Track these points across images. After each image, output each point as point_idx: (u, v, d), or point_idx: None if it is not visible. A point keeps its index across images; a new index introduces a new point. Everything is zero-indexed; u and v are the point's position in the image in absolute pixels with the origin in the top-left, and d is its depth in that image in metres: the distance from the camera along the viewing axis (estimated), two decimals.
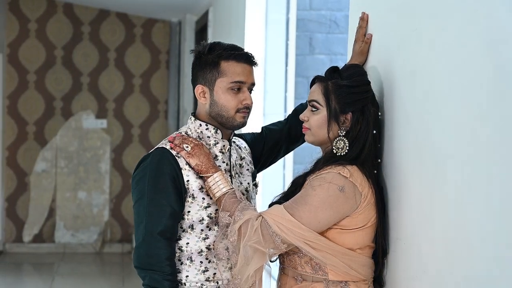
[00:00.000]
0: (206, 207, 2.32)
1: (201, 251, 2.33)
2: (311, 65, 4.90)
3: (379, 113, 2.30)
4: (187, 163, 2.30)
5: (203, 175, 2.29)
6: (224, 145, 2.40)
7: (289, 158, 4.74)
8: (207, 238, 2.33)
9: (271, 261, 2.27)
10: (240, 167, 2.47)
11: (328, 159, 2.26)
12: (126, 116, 8.08)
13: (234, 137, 2.52)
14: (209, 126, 2.38)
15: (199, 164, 2.29)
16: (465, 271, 1.78)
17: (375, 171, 2.27)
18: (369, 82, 2.30)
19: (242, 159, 2.49)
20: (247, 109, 2.35)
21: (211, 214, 2.32)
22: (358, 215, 2.19)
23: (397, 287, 2.23)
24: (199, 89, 2.37)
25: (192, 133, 2.39)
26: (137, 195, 2.31)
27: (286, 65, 4.82)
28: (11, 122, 7.90)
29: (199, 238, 2.32)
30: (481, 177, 1.70)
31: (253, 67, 2.37)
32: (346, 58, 2.64)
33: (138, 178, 2.31)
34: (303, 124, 2.33)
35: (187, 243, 2.32)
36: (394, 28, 2.28)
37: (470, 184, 1.75)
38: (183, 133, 2.38)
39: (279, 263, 2.36)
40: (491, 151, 1.65)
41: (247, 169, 2.49)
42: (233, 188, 2.29)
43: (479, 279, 1.71)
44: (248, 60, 2.34)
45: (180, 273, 2.32)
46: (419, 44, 2.08)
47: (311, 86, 2.34)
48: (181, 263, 2.33)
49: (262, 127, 2.70)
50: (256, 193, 2.52)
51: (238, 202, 2.24)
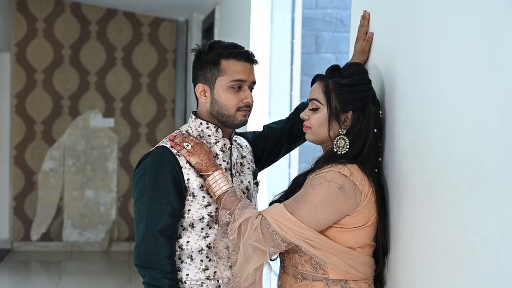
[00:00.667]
0: (206, 206, 2.32)
1: (202, 249, 2.33)
2: (317, 64, 4.89)
3: (380, 112, 2.29)
4: (188, 162, 2.30)
5: (204, 174, 2.29)
6: (224, 144, 2.40)
7: (295, 156, 4.74)
8: (208, 236, 2.33)
9: (271, 260, 2.27)
10: (241, 165, 2.47)
11: (328, 158, 2.26)
12: (133, 115, 8.09)
13: (235, 136, 2.52)
14: (210, 124, 2.38)
15: (199, 162, 2.29)
16: (464, 270, 1.78)
17: (376, 170, 2.27)
18: (370, 80, 2.29)
19: (243, 157, 2.49)
20: (248, 107, 2.35)
21: (211, 212, 2.32)
22: (358, 214, 2.19)
23: (397, 286, 2.22)
24: (199, 88, 2.37)
25: (192, 132, 2.39)
26: (137, 194, 2.31)
27: (291, 64, 4.81)
28: (19, 121, 7.93)
29: (200, 236, 2.32)
30: (481, 176, 1.69)
31: (254, 65, 2.37)
32: (349, 56, 2.63)
33: (138, 176, 2.32)
34: (304, 122, 2.32)
35: (188, 242, 2.32)
36: (395, 26, 2.27)
37: (470, 183, 1.74)
38: (184, 132, 2.39)
39: (280, 261, 2.36)
40: (491, 150, 1.65)
41: (248, 168, 2.49)
42: (233, 186, 2.29)
43: (479, 278, 1.70)
44: (248, 58, 2.34)
45: (180, 271, 2.33)
46: (419, 42, 2.08)
47: (312, 84, 2.34)
48: (182, 262, 2.33)
49: (263, 126, 2.70)
50: (257, 192, 2.52)
51: (238, 200, 2.24)
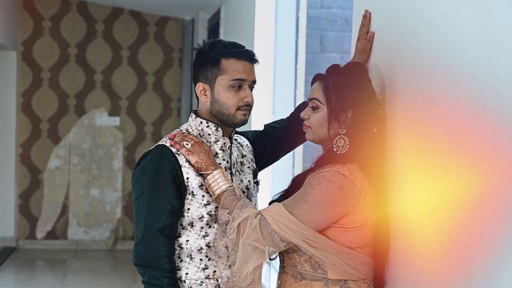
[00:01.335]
0: (205, 205, 2.32)
1: (201, 248, 2.32)
2: (322, 63, 4.88)
3: (380, 111, 2.28)
4: (187, 161, 2.30)
5: (203, 173, 2.29)
6: (224, 143, 2.40)
7: (299, 156, 4.73)
8: (207, 235, 2.32)
9: (270, 259, 2.27)
10: (241, 164, 2.46)
11: (328, 157, 2.25)
12: (139, 113, 8.10)
13: (235, 135, 2.52)
14: (210, 123, 2.38)
15: (198, 161, 2.29)
16: (464, 271, 1.77)
17: (376, 170, 2.26)
18: (370, 80, 2.29)
19: (243, 156, 2.49)
20: (248, 106, 2.35)
21: (211, 211, 2.32)
22: (357, 214, 2.18)
23: (397, 286, 2.22)
24: (200, 87, 2.37)
25: (192, 131, 2.39)
26: (136, 192, 2.31)
27: (295, 63, 4.81)
28: (25, 119, 7.95)
29: (199, 235, 2.32)
30: (481, 176, 1.69)
31: (254, 64, 2.37)
32: (351, 56, 2.63)
33: (138, 175, 2.32)
34: (304, 122, 2.32)
35: (187, 241, 2.32)
36: (396, 26, 2.26)
37: (470, 183, 1.74)
38: (184, 131, 2.39)
39: (279, 261, 2.36)
40: (491, 150, 1.64)
41: (248, 167, 2.49)
42: (233, 185, 2.29)
43: (479, 278, 1.70)
44: (248, 57, 2.34)
45: (179, 270, 2.32)
46: (420, 42, 2.07)
47: (312, 84, 2.33)
48: (181, 261, 2.33)
49: (264, 125, 2.69)
50: (257, 191, 2.52)
51: (237, 199, 2.23)
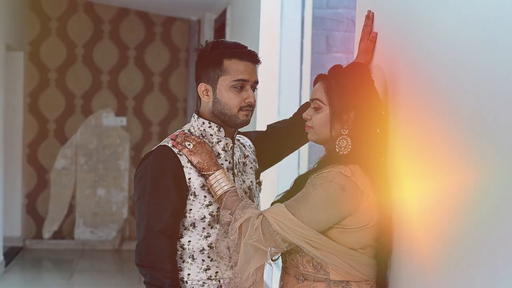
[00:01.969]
0: (207, 205, 2.31)
1: (203, 249, 2.32)
2: (327, 64, 4.87)
3: (383, 112, 2.28)
4: (189, 161, 2.30)
5: (205, 173, 2.29)
6: (227, 143, 2.39)
7: (304, 156, 4.73)
8: (209, 236, 2.32)
9: (272, 260, 2.26)
10: (243, 165, 2.46)
11: (330, 158, 2.25)
12: (145, 114, 8.12)
13: (238, 135, 2.51)
14: (212, 124, 2.38)
15: (200, 162, 2.29)
16: (465, 272, 1.76)
17: (379, 171, 2.25)
18: (373, 80, 2.28)
19: (245, 157, 2.48)
20: (250, 107, 2.34)
21: (213, 212, 2.32)
22: (359, 215, 2.17)
23: (400, 287, 2.21)
24: (202, 87, 2.37)
25: (195, 131, 2.39)
26: (138, 193, 2.31)
27: (301, 64, 4.80)
28: (32, 119, 7.97)
29: (201, 236, 2.32)
30: (482, 177, 1.68)
31: (257, 65, 2.36)
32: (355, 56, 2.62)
33: (140, 175, 2.31)
34: (306, 122, 2.31)
35: (189, 241, 2.32)
36: (398, 26, 2.26)
37: (470, 183, 1.73)
38: (186, 131, 2.39)
39: (282, 262, 2.36)
40: (492, 151, 1.63)
41: (251, 167, 2.49)
42: (235, 186, 2.28)
43: (481, 280, 1.69)
44: (251, 58, 2.33)
45: (182, 271, 2.32)
46: (422, 42, 2.06)
47: (315, 84, 2.33)
48: (183, 261, 2.32)
49: (267, 125, 2.69)
50: (259, 192, 2.51)
51: (239, 200, 2.23)
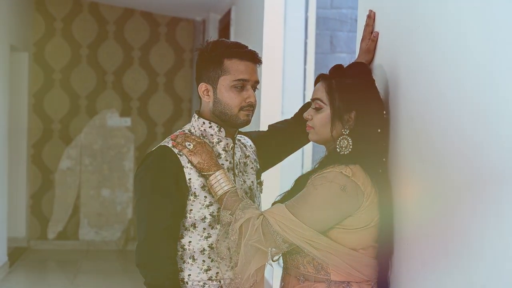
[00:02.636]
0: (208, 206, 2.30)
1: (204, 249, 2.31)
2: (332, 64, 4.84)
3: (384, 112, 2.27)
4: (189, 161, 2.29)
5: (205, 173, 2.28)
6: (227, 143, 2.38)
7: (308, 156, 4.72)
8: (210, 236, 2.31)
9: (273, 261, 2.25)
10: (244, 165, 2.45)
11: (331, 158, 2.24)
12: (150, 114, 8.12)
13: (239, 135, 2.50)
14: (213, 124, 2.37)
15: (201, 162, 2.28)
16: (465, 272, 1.75)
17: (380, 170, 2.24)
18: (374, 80, 2.27)
19: (246, 157, 2.47)
20: (251, 107, 2.33)
21: (213, 212, 2.31)
22: (360, 215, 2.16)
23: None
24: (202, 87, 2.36)
25: (195, 131, 2.38)
26: (139, 194, 2.30)
27: (305, 64, 4.80)
28: (37, 120, 7.98)
29: (202, 236, 2.31)
30: (481, 177, 1.67)
31: (257, 65, 2.35)
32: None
33: (140, 176, 2.30)
34: (307, 122, 2.30)
35: (190, 242, 2.31)
36: (400, 26, 2.25)
37: (470, 183, 1.72)
38: (186, 131, 2.38)
39: (282, 262, 2.35)
40: (493, 151, 1.62)
41: (252, 168, 2.47)
42: (235, 186, 2.27)
43: (480, 279, 1.68)
44: (251, 58, 2.32)
45: (182, 272, 2.31)
46: (423, 42, 2.05)
47: (315, 84, 2.32)
48: (184, 262, 2.31)
49: (268, 125, 2.68)
50: (261, 192, 2.50)
51: (239, 200, 2.22)
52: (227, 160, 2.37)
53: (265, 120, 4.72)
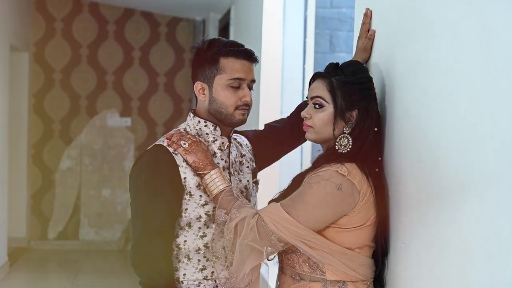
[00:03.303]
0: (203, 205, 2.29)
1: (199, 249, 2.30)
2: None
3: (379, 110, 2.26)
4: (185, 160, 2.28)
5: (200, 172, 2.27)
6: (223, 142, 2.37)
7: (307, 155, 4.71)
8: (205, 236, 2.30)
9: (268, 260, 2.24)
10: (240, 164, 2.44)
11: (328, 156, 2.22)
12: (150, 114, 8.12)
13: (235, 134, 2.49)
14: (208, 123, 2.36)
15: (196, 161, 2.27)
16: (461, 272, 1.74)
17: (377, 169, 2.23)
18: (372, 78, 2.26)
19: (242, 156, 2.46)
20: (247, 106, 2.32)
21: (208, 211, 2.30)
22: (356, 214, 2.15)
23: (397, 287, 2.19)
24: (198, 85, 2.35)
25: (190, 130, 2.37)
26: (134, 193, 2.29)
27: (304, 63, 4.79)
28: (37, 120, 7.98)
29: (197, 236, 2.30)
30: (478, 177, 1.66)
31: (253, 64, 2.34)
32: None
33: (135, 175, 2.30)
34: (305, 121, 2.27)
35: (185, 241, 2.30)
36: (395, 24, 2.24)
37: (467, 184, 1.71)
38: (182, 130, 2.37)
39: (278, 262, 2.34)
40: (489, 150, 1.61)
41: (247, 167, 2.46)
42: (230, 185, 2.26)
43: (476, 278, 1.67)
44: (247, 56, 2.31)
45: (177, 271, 2.30)
46: (418, 41, 2.05)
47: (311, 82, 2.30)
48: (179, 261, 2.31)
49: (264, 124, 2.67)
50: (256, 191, 2.49)
51: (234, 200, 2.21)
52: (222, 159, 2.36)
53: (264, 119, 4.70)
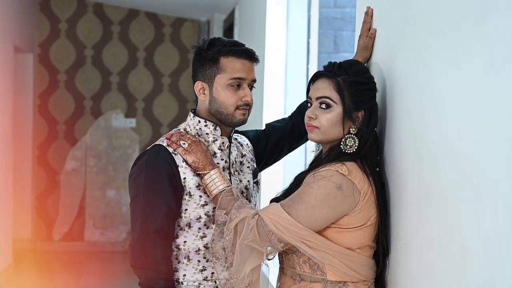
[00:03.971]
0: (203, 205, 2.28)
1: (199, 249, 2.29)
2: None
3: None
4: (184, 160, 2.27)
5: (200, 172, 2.26)
6: (223, 142, 2.36)
7: (311, 155, 4.68)
8: (205, 236, 2.29)
9: (268, 259, 2.23)
10: (240, 164, 2.42)
11: (330, 156, 2.20)
12: (155, 115, 8.11)
13: (236, 134, 2.48)
14: (208, 122, 2.34)
15: (196, 161, 2.25)
16: (461, 271, 1.73)
17: (378, 169, 2.22)
18: (373, 77, 2.25)
19: (243, 156, 2.45)
20: (247, 106, 2.30)
21: (208, 212, 2.28)
22: (357, 214, 2.13)
23: None
24: (198, 85, 2.34)
25: (191, 130, 2.36)
26: (133, 193, 2.28)
27: (307, 64, 4.77)
28: (42, 121, 7.98)
29: (197, 236, 2.29)
30: (478, 176, 1.65)
31: (254, 63, 2.33)
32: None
33: (134, 175, 2.29)
34: (309, 122, 2.23)
35: (185, 242, 2.29)
36: (397, 23, 2.23)
37: (466, 182, 1.70)
38: (182, 130, 2.36)
39: (279, 262, 2.32)
40: (489, 149, 1.60)
41: (248, 167, 2.45)
42: (230, 185, 2.25)
43: (476, 278, 1.66)
44: (248, 56, 2.30)
45: (177, 272, 2.29)
46: (419, 39, 2.03)
47: (313, 82, 2.27)
48: (179, 262, 2.29)
49: (265, 124, 2.66)
50: (257, 191, 2.48)
51: (234, 200, 2.19)
52: (222, 159, 2.35)
53: (267, 119, 4.69)
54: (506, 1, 1.55)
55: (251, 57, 2.31)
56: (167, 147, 2.28)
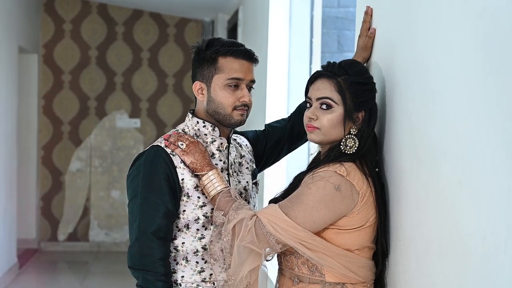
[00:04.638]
0: (201, 206, 2.27)
1: (197, 251, 2.28)
2: None
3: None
4: (182, 161, 2.26)
5: (198, 173, 2.25)
6: (221, 143, 2.34)
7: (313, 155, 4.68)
8: (203, 237, 2.28)
9: (266, 260, 2.22)
10: (239, 165, 2.41)
11: (328, 156, 2.19)
12: (159, 115, 8.12)
13: (235, 135, 2.47)
14: (207, 123, 2.33)
15: (194, 162, 2.24)
16: (460, 272, 1.72)
17: (377, 169, 2.21)
18: (373, 78, 2.24)
19: (242, 157, 2.43)
20: (245, 106, 2.29)
21: (206, 213, 2.27)
22: (355, 215, 2.12)
23: None
24: (196, 85, 2.33)
25: (189, 131, 2.34)
26: (131, 194, 2.28)
27: (310, 64, 4.75)
28: (47, 121, 8.00)
29: (195, 237, 2.28)
30: (477, 176, 1.63)
31: (253, 64, 2.31)
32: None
33: (132, 176, 2.28)
34: (310, 123, 2.20)
35: (183, 243, 2.28)
36: (396, 22, 2.21)
37: (466, 183, 1.69)
38: (180, 131, 2.35)
39: (277, 263, 2.31)
40: (487, 150, 1.59)
41: (247, 168, 2.44)
42: (228, 186, 2.24)
43: (475, 279, 1.64)
44: (246, 56, 2.28)
45: (175, 273, 2.28)
46: (418, 39, 2.02)
47: (312, 82, 2.25)
48: (177, 263, 2.28)
49: (265, 125, 2.64)
50: (256, 192, 2.46)
51: (232, 201, 2.18)
52: (221, 160, 2.34)
53: (270, 120, 4.67)
54: (506, 1, 1.54)
55: (249, 57, 2.29)
56: (165, 148, 2.27)
